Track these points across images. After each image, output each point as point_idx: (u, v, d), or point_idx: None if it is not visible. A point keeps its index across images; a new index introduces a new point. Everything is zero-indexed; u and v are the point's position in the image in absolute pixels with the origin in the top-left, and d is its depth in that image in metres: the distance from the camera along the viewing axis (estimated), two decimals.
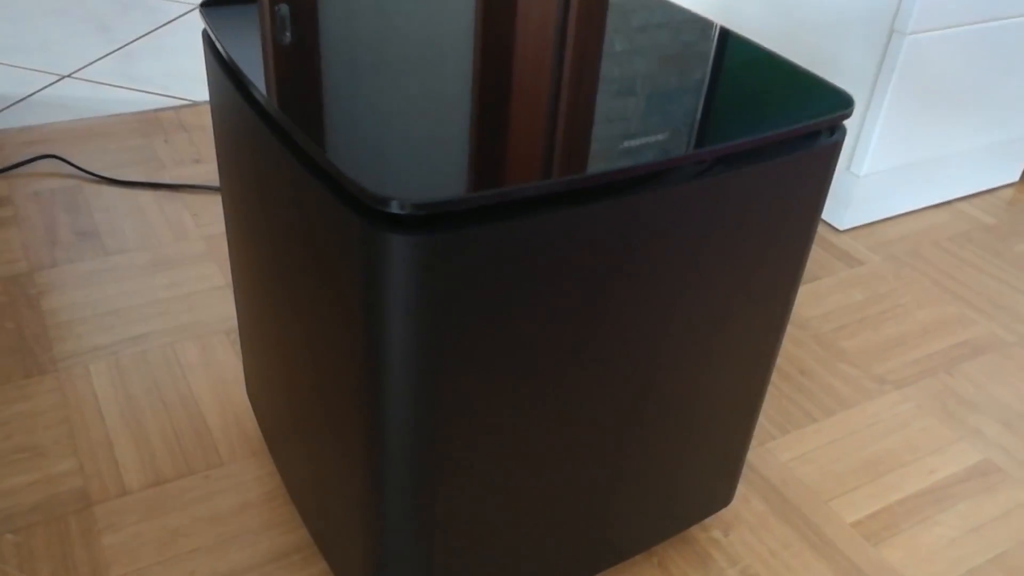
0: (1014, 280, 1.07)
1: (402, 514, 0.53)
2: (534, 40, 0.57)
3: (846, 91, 0.56)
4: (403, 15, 0.59)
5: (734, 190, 0.51)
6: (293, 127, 0.46)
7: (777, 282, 0.58)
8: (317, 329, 0.51)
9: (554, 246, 0.46)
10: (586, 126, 0.48)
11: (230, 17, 0.59)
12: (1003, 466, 0.82)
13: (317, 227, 0.46)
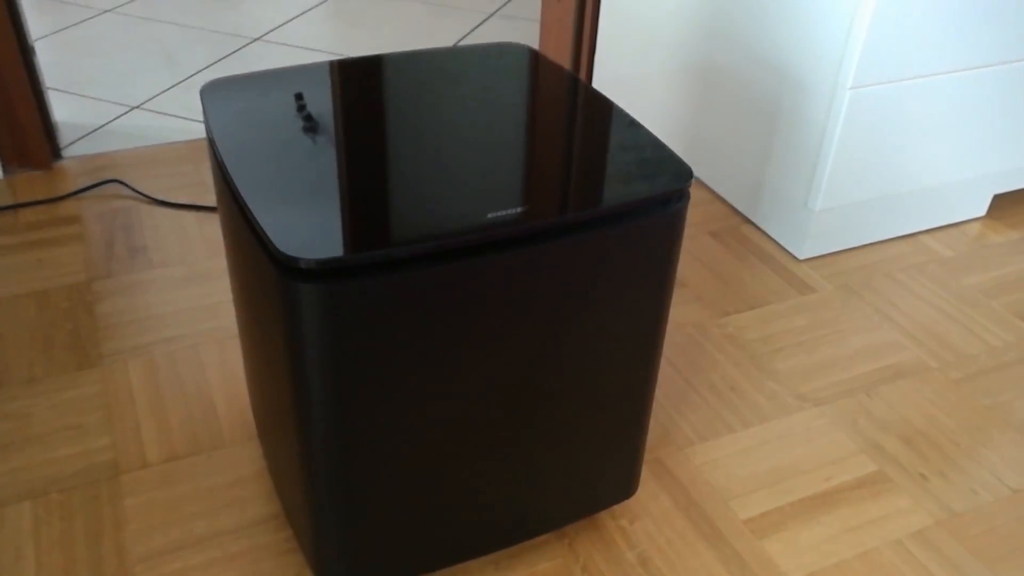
0: (953, 311, 1.17)
1: (329, 498, 0.68)
2: (420, 126, 0.72)
3: (686, 164, 0.69)
4: (347, 109, 0.75)
5: (585, 250, 0.64)
6: (241, 196, 0.62)
7: (640, 326, 0.72)
8: (264, 349, 0.68)
9: (433, 291, 0.61)
10: (458, 195, 0.63)
11: (229, 92, 0.75)
12: (893, 477, 0.93)
13: (256, 273, 0.62)
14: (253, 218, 0.60)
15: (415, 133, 0.70)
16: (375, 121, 0.72)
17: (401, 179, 0.64)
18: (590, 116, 0.74)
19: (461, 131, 0.71)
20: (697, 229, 1.31)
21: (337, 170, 0.65)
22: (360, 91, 0.76)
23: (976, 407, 1.02)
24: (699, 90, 1.37)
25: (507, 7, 2.07)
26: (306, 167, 0.65)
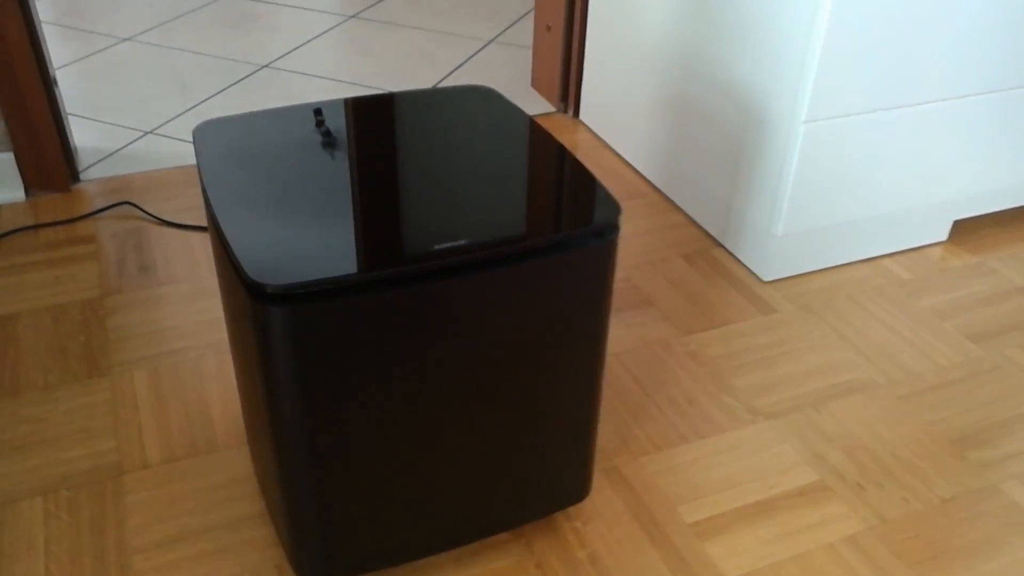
0: (907, 331, 1.24)
1: (303, 499, 0.77)
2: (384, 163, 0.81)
3: (616, 201, 0.77)
4: (319, 149, 0.84)
5: (524, 278, 0.73)
6: (220, 227, 0.71)
7: (580, 346, 0.80)
8: (245, 363, 0.76)
9: (387, 313, 0.69)
10: (411, 227, 0.71)
11: (217, 133, 0.85)
12: (832, 486, 1.00)
13: (234, 296, 0.71)
14: (229, 247, 0.69)
15: (379, 170, 0.79)
16: (344, 159, 0.80)
17: (362, 212, 0.73)
18: (537, 155, 0.83)
19: (421, 168, 0.80)
20: (671, 251, 1.39)
21: (305, 204, 0.74)
22: (333, 132, 0.85)
23: (918, 422, 1.09)
24: (675, 121, 1.45)
25: (504, 35, 2.16)
26: (279, 201, 0.74)
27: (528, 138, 0.86)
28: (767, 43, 1.21)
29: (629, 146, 1.62)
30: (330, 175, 0.78)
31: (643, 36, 1.49)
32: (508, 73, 1.97)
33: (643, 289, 1.30)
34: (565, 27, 1.72)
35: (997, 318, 1.27)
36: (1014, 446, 1.06)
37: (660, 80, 1.47)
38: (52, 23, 2.14)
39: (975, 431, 1.08)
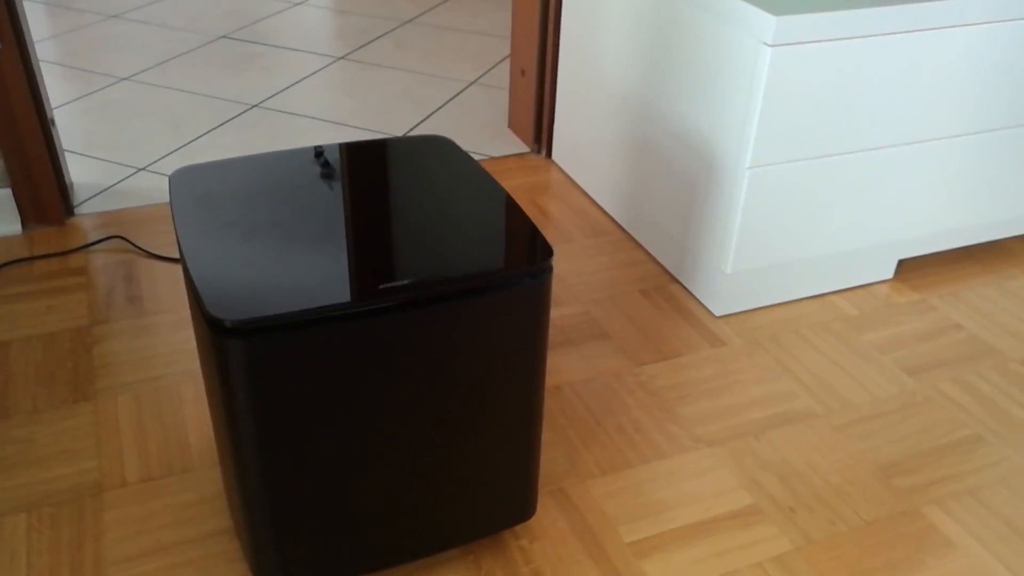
0: (847, 364, 1.31)
1: (262, 517, 0.84)
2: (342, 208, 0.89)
3: (549, 245, 0.85)
4: (283, 193, 0.92)
5: (463, 315, 0.81)
6: (187, 265, 0.79)
7: (519, 378, 0.87)
8: (209, 389, 0.84)
9: (337, 347, 0.77)
10: (361, 268, 0.79)
11: (191, 179, 0.93)
12: (765, 509, 1.07)
13: (199, 328, 0.79)
14: (193, 283, 0.77)
15: (338, 214, 0.87)
16: (305, 204, 0.89)
17: (318, 253, 0.81)
18: (482, 201, 0.91)
19: (376, 212, 0.88)
20: (630, 287, 1.47)
21: (267, 245, 0.82)
22: (297, 178, 0.93)
23: (850, 450, 1.16)
24: (636, 164, 1.54)
25: (485, 77, 2.26)
26: (243, 242, 0.82)
27: (476, 185, 0.94)
28: (715, 96, 1.30)
29: (596, 186, 1.70)
30: (291, 219, 0.86)
31: (607, 84, 1.58)
32: (487, 114, 2.07)
33: (601, 322, 1.38)
34: (538, 73, 1.81)
35: (932, 353, 1.34)
36: (937, 473, 1.13)
37: (623, 126, 1.56)
38: (55, 63, 2.24)
39: (902, 459, 1.15)
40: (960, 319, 1.43)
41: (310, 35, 2.49)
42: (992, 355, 1.35)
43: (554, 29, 1.74)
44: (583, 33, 1.64)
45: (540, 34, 1.77)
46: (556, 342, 1.34)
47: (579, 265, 1.53)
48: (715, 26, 1.27)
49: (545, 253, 0.84)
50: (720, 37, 1.27)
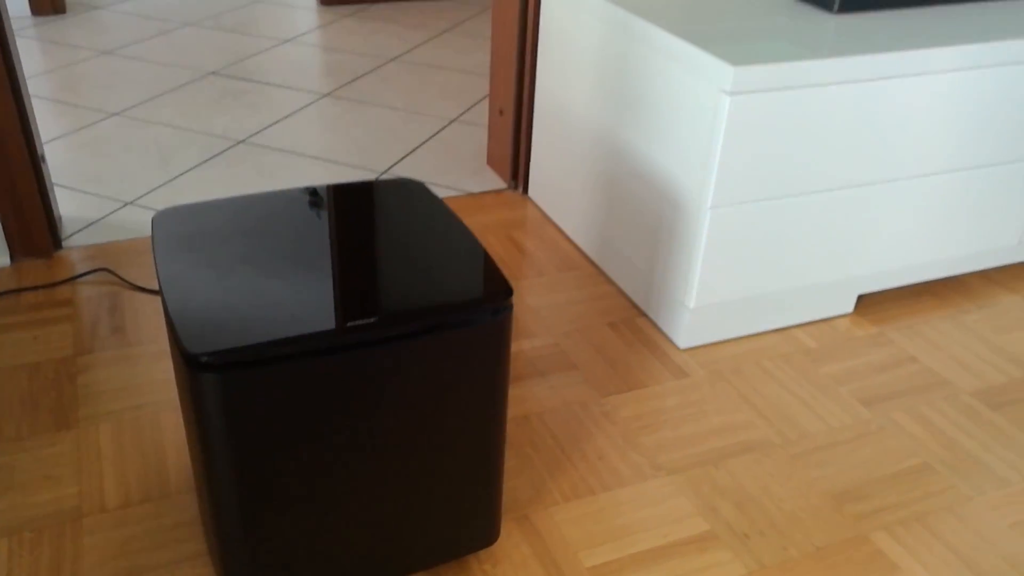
0: (806, 395, 1.37)
1: (234, 542, 0.88)
2: (313, 249, 0.94)
3: (508, 283, 0.90)
4: (260, 234, 0.97)
5: (426, 351, 0.86)
6: (165, 302, 0.84)
7: (481, 411, 0.92)
8: (185, 418, 0.88)
9: (307, 381, 0.82)
10: (330, 306, 0.84)
11: (173, 220, 0.98)
12: (720, 535, 1.11)
13: (175, 360, 0.84)
14: (170, 319, 0.81)
15: (311, 254, 0.92)
16: (280, 244, 0.94)
17: (291, 292, 0.86)
18: (445, 243, 0.96)
19: (348, 253, 0.93)
20: (599, 320, 1.52)
21: (240, 284, 0.87)
22: (274, 220, 0.99)
23: (805, 478, 1.21)
24: (607, 201, 1.60)
25: (466, 115, 2.32)
26: (218, 281, 0.87)
27: (443, 227, 1.00)
28: (679, 139, 1.36)
29: (569, 222, 1.76)
30: (267, 259, 0.92)
31: (579, 125, 1.65)
32: (467, 150, 2.13)
33: (569, 354, 1.43)
34: (515, 112, 1.88)
35: (888, 384, 1.40)
36: (886, 500, 1.18)
37: (594, 165, 1.62)
38: (47, 98, 2.30)
39: (854, 486, 1.20)
40: (916, 352, 1.48)
41: (297, 72, 2.56)
42: (944, 387, 1.40)
43: (530, 71, 1.81)
44: (557, 76, 1.70)
45: (517, 76, 1.84)
46: (526, 373, 1.39)
47: (551, 298, 1.58)
48: (678, 73, 1.34)
49: (505, 292, 0.90)
50: (682, 84, 1.33)
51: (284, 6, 3.18)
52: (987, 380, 1.42)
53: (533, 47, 1.78)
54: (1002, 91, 1.43)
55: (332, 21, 3.05)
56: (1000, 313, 1.60)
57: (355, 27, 2.99)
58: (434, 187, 1.96)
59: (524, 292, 1.60)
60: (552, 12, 1.68)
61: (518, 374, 1.39)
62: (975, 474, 1.23)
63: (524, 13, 1.76)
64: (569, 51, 1.64)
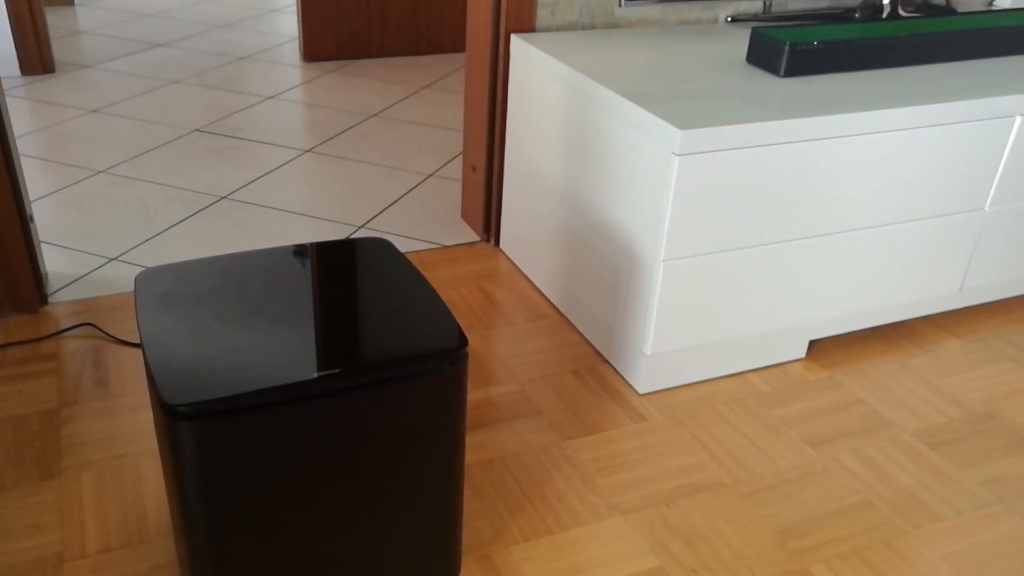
0: (757, 437, 1.44)
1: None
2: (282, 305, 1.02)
3: (463, 334, 0.98)
4: (236, 293, 1.05)
5: (385, 399, 0.93)
6: (146, 356, 0.91)
7: (439, 458, 0.99)
8: (163, 465, 0.95)
9: (277, 429, 0.89)
10: (298, 359, 0.91)
11: (156, 279, 1.05)
12: (669, 571, 1.18)
13: (155, 410, 0.90)
14: (150, 372, 0.89)
15: (280, 311, 1.00)
16: (254, 302, 1.01)
17: (262, 346, 0.94)
18: (408, 298, 1.04)
19: (318, 308, 1.01)
20: (563, 367, 1.60)
21: (216, 339, 0.94)
22: (249, 278, 1.06)
23: (752, 516, 1.28)
24: (571, 254, 1.69)
25: (443, 169, 2.42)
26: (196, 337, 0.94)
27: (407, 283, 1.08)
28: (634, 195, 1.45)
29: (537, 273, 1.85)
30: (241, 314, 0.99)
31: (545, 182, 1.74)
32: (443, 205, 2.22)
33: (534, 400, 1.50)
34: (486, 169, 1.97)
35: (834, 425, 1.47)
36: (827, 536, 1.25)
37: (559, 219, 1.71)
38: (36, 157, 2.38)
39: (798, 523, 1.27)
40: (863, 394, 1.56)
41: (280, 128, 2.66)
42: (888, 428, 1.48)
43: (500, 130, 1.90)
44: (525, 135, 1.80)
45: (488, 134, 1.93)
46: (491, 419, 1.46)
47: (518, 347, 1.65)
48: (633, 135, 1.43)
49: (461, 343, 0.97)
50: (637, 145, 1.43)
51: (268, 63, 3.29)
52: (928, 421, 1.50)
53: (503, 107, 1.88)
54: (938, 150, 1.53)
55: (315, 77, 3.16)
56: (944, 357, 1.68)
57: (337, 83, 3.10)
58: (410, 240, 2.04)
59: (493, 341, 1.67)
60: (520, 75, 1.78)
61: (484, 420, 1.46)
62: (912, 510, 1.30)
63: (494, 75, 1.86)
64: (535, 112, 1.74)
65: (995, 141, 1.57)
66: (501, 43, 1.80)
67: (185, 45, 3.48)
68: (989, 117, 1.54)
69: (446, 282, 1.87)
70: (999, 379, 1.62)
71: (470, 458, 1.37)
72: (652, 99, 1.43)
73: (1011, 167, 1.62)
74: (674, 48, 1.75)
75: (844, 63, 1.60)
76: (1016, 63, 1.73)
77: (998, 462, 1.41)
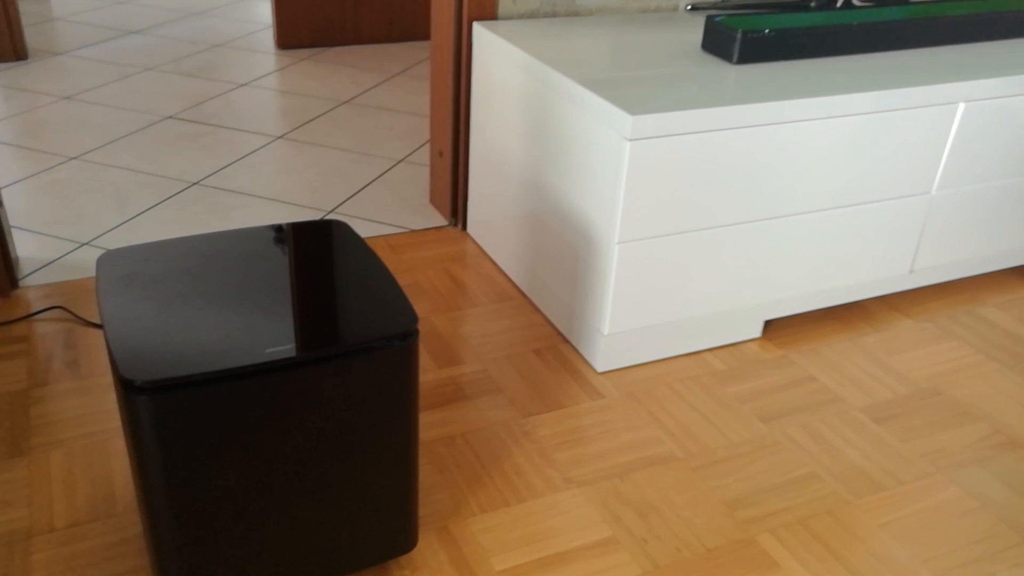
0: (710, 413, 1.49)
1: (169, 554, 0.98)
2: (239, 284, 1.06)
3: (414, 311, 1.02)
4: (196, 272, 1.08)
5: (338, 375, 0.97)
6: (107, 334, 0.94)
7: (393, 431, 1.03)
8: (126, 439, 0.99)
9: (232, 402, 0.92)
10: (252, 335, 0.95)
11: (117, 260, 1.09)
12: (621, 540, 1.23)
13: (116, 386, 0.94)
14: (109, 349, 0.92)
15: (240, 290, 1.04)
16: (211, 282, 1.05)
17: (218, 324, 0.97)
18: (360, 277, 1.08)
19: (274, 288, 1.04)
20: (525, 347, 1.64)
21: (173, 316, 0.98)
22: (208, 259, 1.10)
23: (703, 488, 1.33)
24: (534, 237, 1.73)
25: (413, 155, 2.45)
26: (153, 314, 0.98)
27: (362, 264, 1.11)
28: (590, 179, 1.49)
29: (502, 256, 1.88)
30: (199, 294, 1.03)
31: (508, 166, 1.78)
32: (412, 190, 2.25)
33: (496, 379, 1.55)
34: (453, 154, 2.01)
35: (786, 402, 1.53)
36: (774, 506, 1.30)
37: (521, 203, 1.75)
38: (8, 143, 2.39)
39: (747, 494, 1.32)
40: (815, 372, 1.61)
41: (253, 115, 2.68)
42: (837, 403, 1.53)
43: (465, 116, 1.94)
44: (488, 122, 1.83)
45: (453, 120, 1.97)
46: (454, 397, 1.50)
47: (483, 328, 1.70)
48: (587, 120, 1.47)
49: (411, 320, 1.01)
50: (592, 130, 1.47)
51: (243, 50, 3.31)
52: (876, 397, 1.55)
53: (467, 94, 1.91)
54: (885, 135, 1.58)
55: (289, 65, 3.17)
56: (894, 336, 1.74)
57: (311, 70, 3.12)
58: (379, 224, 2.08)
59: (458, 322, 1.71)
60: (482, 63, 1.81)
61: (447, 398, 1.50)
62: (855, 481, 1.35)
63: (458, 63, 1.90)
64: (498, 99, 1.77)
65: (940, 127, 1.62)
66: (464, 31, 1.83)
67: (159, 32, 3.49)
68: (934, 104, 1.59)
69: (414, 265, 1.91)
70: (945, 357, 1.68)
71: (432, 434, 1.41)
72: (606, 86, 1.47)
73: (956, 152, 1.67)
74: (633, 36, 1.78)
75: (796, 51, 1.64)
76: (963, 51, 1.78)
77: (940, 435, 1.47)
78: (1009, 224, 1.85)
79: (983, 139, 1.69)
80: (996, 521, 1.29)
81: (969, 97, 1.62)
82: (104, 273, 1.06)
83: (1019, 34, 1.88)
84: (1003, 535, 1.27)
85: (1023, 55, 1.77)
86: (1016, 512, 1.31)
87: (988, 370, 1.65)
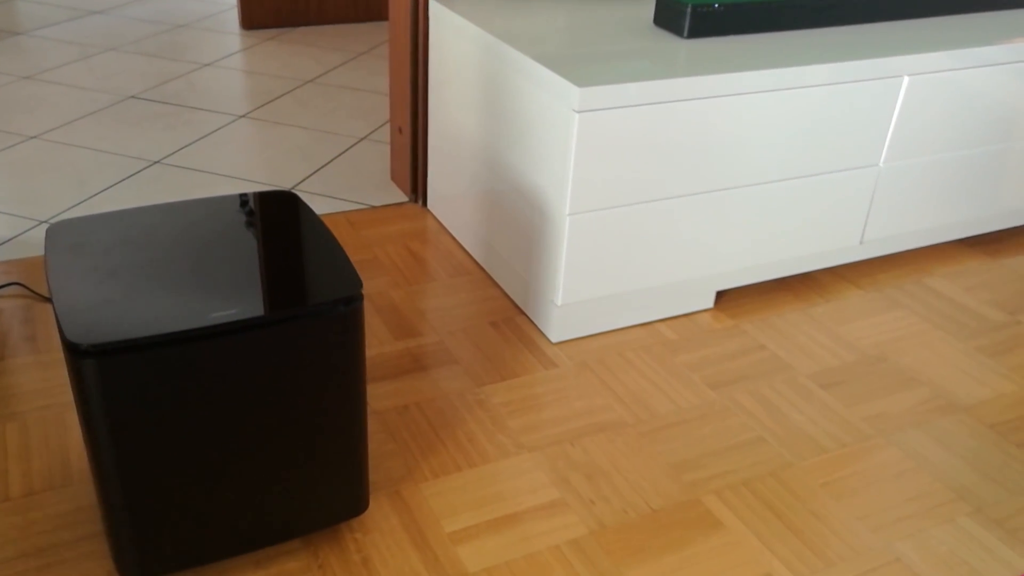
0: (661, 381, 1.52)
1: (120, 515, 1.00)
2: (189, 254, 1.07)
3: (358, 277, 1.04)
4: (142, 242, 1.10)
5: (284, 339, 0.99)
6: (53, 301, 0.95)
7: (341, 395, 1.05)
8: (76, 406, 1.00)
9: (178, 365, 0.94)
10: (196, 301, 0.97)
11: (66, 231, 1.10)
12: (569, 502, 1.26)
13: (65, 354, 0.95)
14: (56, 316, 0.93)
15: (186, 258, 1.05)
16: (158, 250, 1.06)
17: (164, 290, 0.99)
18: (307, 245, 1.10)
19: (220, 256, 1.06)
20: (482, 319, 1.67)
21: (119, 284, 0.99)
22: (155, 229, 1.11)
23: (650, 452, 1.36)
24: (490, 211, 1.75)
25: (375, 133, 2.46)
26: (100, 282, 0.99)
27: (309, 233, 1.13)
28: (541, 152, 1.51)
29: (461, 231, 1.91)
30: (145, 262, 1.04)
31: (464, 141, 1.79)
32: (373, 167, 2.27)
33: (452, 351, 1.57)
34: (412, 131, 2.02)
35: (736, 370, 1.56)
36: (719, 469, 1.33)
37: (478, 177, 1.77)
38: None
39: (693, 458, 1.35)
40: (765, 341, 1.65)
41: (215, 95, 2.67)
42: (786, 371, 1.57)
43: (423, 93, 1.95)
44: (446, 97, 1.85)
45: (412, 97, 1.98)
46: (410, 368, 1.52)
47: (440, 301, 1.72)
48: (536, 93, 1.49)
49: (356, 285, 1.03)
50: (542, 103, 1.49)
51: (207, 31, 3.29)
52: (823, 364, 1.60)
53: (424, 70, 1.92)
54: (832, 108, 1.62)
55: (253, 45, 3.16)
56: (844, 306, 1.78)
57: (275, 50, 3.12)
58: (340, 201, 2.09)
59: (416, 296, 1.73)
60: (439, 38, 1.83)
61: (403, 369, 1.52)
62: (799, 444, 1.39)
63: (415, 38, 1.91)
64: (454, 75, 1.79)
65: (886, 100, 1.66)
66: (421, 7, 1.84)
67: (122, 13, 3.46)
68: (880, 77, 1.63)
69: (373, 241, 1.92)
70: (892, 325, 1.72)
71: (386, 404, 1.43)
72: (557, 60, 1.49)
73: (902, 125, 1.71)
74: (587, 12, 1.80)
75: (746, 25, 1.67)
76: (910, 26, 1.81)
77: (882, 400, 1.51)
78: (956, 196, 1.90)
79: (928, 112, 1.73)
80: (931, 480, 1.34)
81: (913, 70, 1.65)
82: (53, 243, 1.07)
83: (965, 9, 1.92)
84: (936, 493, 1.31)
85: (968, 30, 1.81)
86: (950, 472, 1.36)
87: (933, 338, 1.69)
